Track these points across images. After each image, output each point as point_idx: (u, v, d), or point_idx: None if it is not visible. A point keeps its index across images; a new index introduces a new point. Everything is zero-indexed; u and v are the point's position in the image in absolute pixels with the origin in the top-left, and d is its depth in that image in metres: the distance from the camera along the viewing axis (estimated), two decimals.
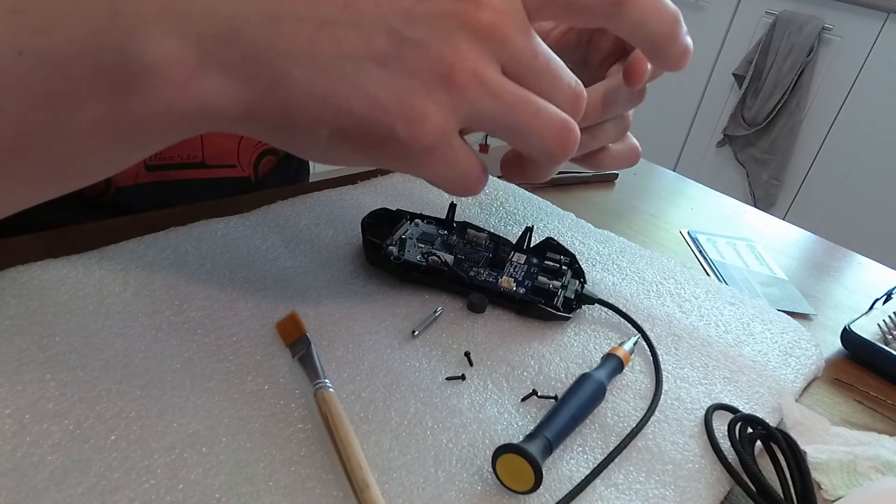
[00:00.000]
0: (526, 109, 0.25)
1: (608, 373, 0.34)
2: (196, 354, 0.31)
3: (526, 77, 0.25)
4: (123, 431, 0.26)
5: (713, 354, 0.39)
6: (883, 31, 2.09)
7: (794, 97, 2.26)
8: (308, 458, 0.27)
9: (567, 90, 0.26)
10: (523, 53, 0.25)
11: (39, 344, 0.29)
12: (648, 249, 0.50)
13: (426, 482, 0.27)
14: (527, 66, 0.25)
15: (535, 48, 0.25)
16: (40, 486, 0.24)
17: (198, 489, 0.25)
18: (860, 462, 0.32)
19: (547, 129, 0.26)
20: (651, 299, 0.43)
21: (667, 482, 0.29)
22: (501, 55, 0.25)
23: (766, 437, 0.32)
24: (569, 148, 0.26)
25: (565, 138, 0.26)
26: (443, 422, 0.30)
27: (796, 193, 2.39)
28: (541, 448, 0.27)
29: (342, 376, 0.32)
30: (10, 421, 0.26)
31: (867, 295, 0.52)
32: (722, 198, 0.69)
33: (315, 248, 0.41)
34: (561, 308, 0.39)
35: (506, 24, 0.24)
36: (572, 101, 0.27)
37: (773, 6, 2.28)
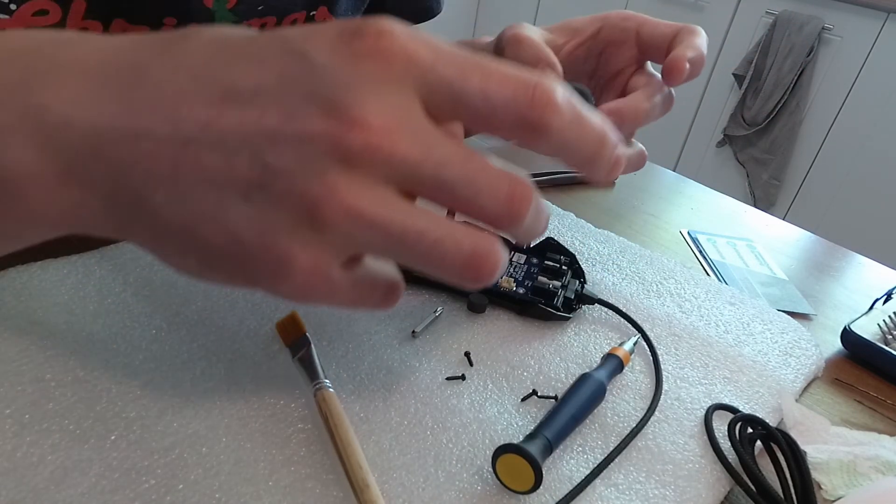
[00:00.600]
0: (421, 239, 0.21)
1: (608, 373, 0.34)
2: (196, 354, 0.31)
3: (432, 192, 0.21)
4: (123, 431, 0.26)
5: (713, 354, 0.39)
6: (883, 31, 2.09)
7: (794, 97, 2.26)
8: (308, 457, 0.27)
9: (495, 193, 0.21)
10: (422, 168, 0.21)
11: (39, 344, 0.29)
12: (648, 249, 0.50)
13: (426, 482, 0.27)
14: (430, 181, 0.21)
15: (438, 159, 0.21)
16: (40, 486, 0.24)
17: (198, 489, 0.25)
18: (860, 462, 0.32)
19: (450, 258, 0.22)
20: (651, 299, 0.43)
21: (667, 482, 0.29)
22: (390, 175, 0.21)
23: (766, 437, 0.32)
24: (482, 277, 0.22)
25: (476, 268, 0.22)
26: (443, 422, 0.30)
27: (796, 193, 2.39)
28: (541, 448, 0.27)
29: (342, 376, 0.32)
30: (10, 421, 0.26)
31: (867, 295, 0.51)
32: (722, 198, 0.69)
33: None
34: (561, 308, 0.39)
35: (387, 142, 0.20)
36: (506, 204, 0.22)
37: (773, 6, 2.28)
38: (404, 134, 0.20)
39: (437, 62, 0.21)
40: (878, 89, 2.14)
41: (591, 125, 0.23)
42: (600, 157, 0.24)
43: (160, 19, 0.42)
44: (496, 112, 0.21)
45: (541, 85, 0.21)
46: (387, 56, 0.20)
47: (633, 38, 0.42)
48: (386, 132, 0.20)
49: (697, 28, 0.40)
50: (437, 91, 0.21)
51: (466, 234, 0.22)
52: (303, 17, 0.51)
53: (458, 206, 0.22)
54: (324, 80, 0.20)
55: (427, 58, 0.21)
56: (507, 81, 0.21)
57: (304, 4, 0.50)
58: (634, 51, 0.42)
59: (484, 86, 0.21)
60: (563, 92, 0.22)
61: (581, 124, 0.23)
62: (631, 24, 0.42)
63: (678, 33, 0.40)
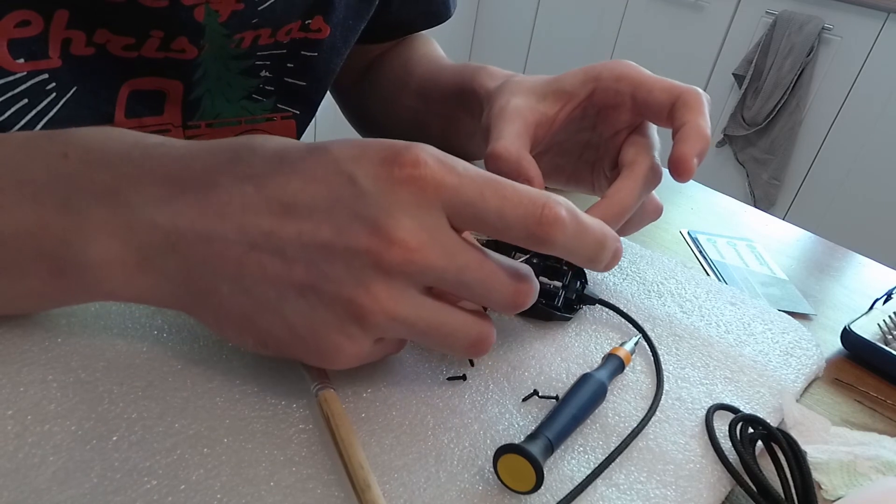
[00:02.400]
0: (440, 331, 0.27)
1: (609, 373, 0.34)
2: (197, 355, 0.31)
3: (455, 290, 0.26)
4: (125, 432, 0.26)
5: (714, 354, 0.39)
6: (883, 31, 2.09)
7: (794, 97, 2.26)
8: (309, 458, 0.27)
9: (504, 290, 0.26)
10: (446, 273, 0.25)
11: (41, 345, 0.30)
12: (649, 249, 0.50)
13: (427, 482, 0.27)
14: (452, 282, 0.26)
15: (460, 265, 0.25)
16: (42, 487, 0.24)
17: (199, 490, 0.25)
18: (860, 462, 0.32)
19: (459, 344, 0.27)
20: (652, 299, 0.43)
21: (668, 482, 0.29)
22: (421, 280, 0.25)
23: (767, 437, 0.32)
24: (482, 352, 0.28)
25: (478, 349, 0.28)
26: (444, 422, 0.30)
27: (796, 193, 2.39)
28: (542, 448, 0.27)
29: (343, 376, 0.32)
30: (12, 422, 0.26)
31: (867, 295, 0.52)
32: (722, 198, 0.69)
33: None
34: (562, 308, 0.39)
35: (420, 257, 0.24)
36: (512, 298, 0.27)
37: (773, 6, 2.28)
38: (434, 248, 0.25)
39: (461, 187, 0.25)
40: (878, 89, 2.14)
41: (590, 234, 0.27)
42: (600, 257, 0.28)
43: (147, 32, 0.42)
44: (510, 228, 0.25)
45: (548, 205, 0.25)
46: (420, 184, 0.24)
47: (629, 103, 0.40)
48: (419, 249, 0.24)
49: (698, 96, 0.38)
50: (461, 211, 0.25)
51: (473, 323, 0.27)
52: (298, 26, 0.50)
53: (473, 299, 0.27)
54: (368, 202, 0.24)
55: (453, 183, 0.25)
56: (519, 203, 0.25)
57: (299, 14, 0.50)
58: (630, 114, 0.41)
59: (500, 206, 0.25)
60: (567, 210, 0.26)
61: (582, 235, 0.27)
62: (625, 88, 0.40)
63: (676, 102, 0.38)
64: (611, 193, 0.38)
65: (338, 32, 0.54)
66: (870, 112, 2.16)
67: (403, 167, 0.24)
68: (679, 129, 0.38)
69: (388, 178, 0.24)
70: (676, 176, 0.37)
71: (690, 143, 0.37)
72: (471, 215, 0.25)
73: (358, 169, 0.25)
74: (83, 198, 0.26)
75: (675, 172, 0.37)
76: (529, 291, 0.27)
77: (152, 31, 0.42)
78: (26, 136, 0.29)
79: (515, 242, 0.26)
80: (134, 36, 0.42)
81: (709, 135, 0.38)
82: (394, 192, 0.24)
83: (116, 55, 0.42)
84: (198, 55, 0.45)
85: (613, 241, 0.28)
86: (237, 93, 0.51)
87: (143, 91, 0.45)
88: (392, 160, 0.25)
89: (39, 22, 0.38)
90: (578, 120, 0.44)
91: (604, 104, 0.42)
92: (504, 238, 0.26)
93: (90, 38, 0.41)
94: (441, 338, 0.27)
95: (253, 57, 0.49)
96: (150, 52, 0.43)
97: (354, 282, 0.24)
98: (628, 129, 0.42)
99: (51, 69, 0.40)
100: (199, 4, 0.42)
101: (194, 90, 0.47)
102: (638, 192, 0.38)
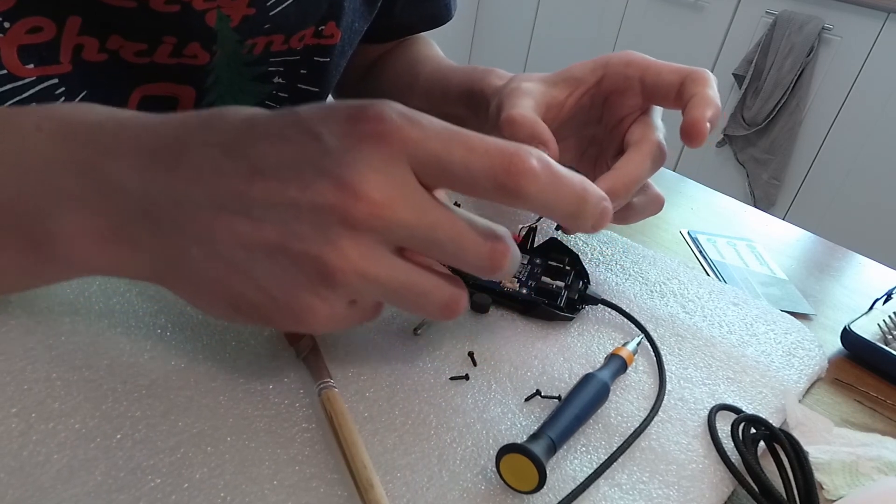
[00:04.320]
0: (412, 291, 0.26)
1: (612, 373, 0.34)
2: (201, 354, 0.31)
3: (427, 249, 0.25)
4: (129, 431, 0.26)
5: (716, 355, 0.39)
6: (883, 31, 2.09)
7: (794, 97, 2.26)
8: (312, 457, 0.27)
9: (478, 250, 0.25)
10: (416, 230, 0.25)
11: (45, 343, 0.30)
12: (650, 250, 0.50)
13: (430, 481, 0.27)
14: (423, 240, 0.25)
15: (430, 221, 0.25)
16: (46, 485, 0.24)
17: (203, 488, 0.25)
18: (862, 462, 0.32)
19: (432, 305, 0.27)
20: (654, 300, 0.43)
21: (670, 482, 0.30)
22: (389, 237, 0.25)
23: (769, 437, 0.32)
24: (455, 315, 0.27)
25: (451, 310, 0.27)
26: (447, 421, 0.30)
27: (796, 193, 2.39)
28: (544, 448, 0.27)
29: (346, 376, 0.32)
30: (17, 420, 0.26)
31: (867, 295, 0.52)
32: (722, 198, 0.69)
33: None
34: (564, 308, 0.39)
35: (387, 212, 0.24)
36: (488, 257, 0.26)
37: (773, 6, 2.28)
38: (401, 203, 0.24)
39: (426, 140, 0.24)
40: (878, 89, 2.14)
41: (568, 187, 0.26)
42: (582, 213, 0.26)
43: (159, 37, 0.42)
44: (477, 180, 0.25)
45: (517, 154, 0.24)
46: (386, 138, 0.24)
47: (638, 87, 0.41)
48: (386, 203, 0.24)
49: (705, 74, 0.39)
50: (428, 165, 0.25)
51: (445, 284, 0.27)
52: (311, 32, 0.50)
53: (446, 260, 0.26)
54: (334, 159, 0.24)
55: (418, 136, 0.24)
56: (486, 153, 0.24)
57: (314, 21, 0.50)
58: (639, 98, 0.42)
59: (466, 157, 0.24)
60: (539, 160, 0.25)
61: (558, 187, 0.25)
62: (634, 72, 0.41)
63: (685, 81, 0.39)
64: (618, 166, 0.38)
65: (346, 37, 0.54)
66: (870, 112, 2.16)
67: (367, 122, 0.24)
68: (689, 99, 0.38)
69: (352, 134, 0.24)
70: (689, 140, 0.37)
71: (702, 109, 0.37)
72: (437, 169, 0.25)
73: (324, 127, 0.25)
74: (57, 169, 0.26)
75: (687, 136, 0.37)
76: (506, 252, 0.26)
77: (165, 36, 0.42)
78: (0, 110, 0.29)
79: (485, 196, 0.25)
80: (146, 42, 0.42)
81: (719, 104, 0.38)
82: (359, 147, 0.24)
83: (129, 61, 0.42)
84: (210, 61, 0.45)
85: (598, 198, 0.27)
86: (250, 99, 0.51)
87: (155, 97, 0.45)
88: (357, 117, 0.24)
89: (52, 28, 0.38)
90: (587, 109, 0.44)
91: (612, 90, 0.42)
92: (473, 193, 0.25)
93: (103, 45, 0.40)
94: (414, 298, 0.26)
95: (266, 63, 0.49)
96: (162, 59, 0.43)
97: (322, 239, 0.24)
98: (633, 116, 0.42)
99: (61, 74, 0.40)
100: (211, 9, 0.42)
101: (206, 96, 0.47)
102: (644, 166, 0.38)
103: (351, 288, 0.25)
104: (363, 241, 0.24)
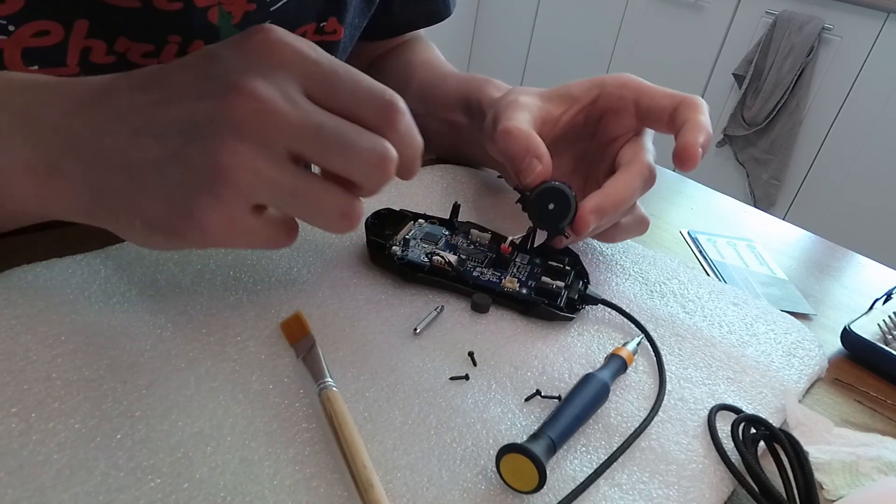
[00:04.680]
0: (308, 195, 0.27)
1: (612, 373, 0.34)
2: (201, 354, 0.31)
3: (316, 153, 0.27)
4: (129, 430, 0.26)
5: (717, 355, 0.39)
6: (883, 31, 2.09)
7: (794, 97, 2.26)
8: (312, 457, 0.27)
9: (367, 156, 0.27)
10: (304, 131, 0.26)
11: (45, 343, 0.30)
12: (651, 250, 0.50)
13: (430, 482, 0.27)
14: (311, 142, 0.26)
15: (316, 123, 0.26)
16: (46, 485, 0.24)
17: (203, 488, 0.25)
18: (862, 462, 0.32)
19: (330, 213, 0.28)
20: (654, 300, 0.43)
21: (670, 482, 0.30)
22: (279, 139, 0.26)
23: (769, 437, 0.32)
24: (352, 225, 0.28)
25: (349, 218, 0.28)
26: (447, 421, 0.30)
27: (796, 193, 2.39)
28: (545, 448, 0.27)
29: (346, 376, 0.32)
30: (17, 420, 0.26)
31: (867, 295, 0.52)
32: (722, 198, 0.69)
33: (319, 248, 0.41)
34: (564, 308, 0.39)
35: (272, 108, 0.25)
36: (376, 164, 0.27)
37: (773, 6, 2.28)
38: (287, 104, 0.26)
39: (319, 60, 0.27)
40: (878, 89, 2.14)
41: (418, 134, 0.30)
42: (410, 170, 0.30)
43: (164, 37, 0.42)
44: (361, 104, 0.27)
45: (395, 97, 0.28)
46: (276, 48, 0.27)
47: (632, 108, 0.42)
48: (271, 101, 0.25)
49: (698, 101, 0.40)
50: (316, 81, 0.27)
51: (341, 192, 0.28)
52: (313, 28, 0.50)
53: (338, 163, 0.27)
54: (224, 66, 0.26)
55: (311, 54, 0.27)
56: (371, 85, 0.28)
57: (313, 16, 0.50)
58: (633, 120, 0.43)
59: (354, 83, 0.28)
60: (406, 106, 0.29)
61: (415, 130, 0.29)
62: (628, 94, 0.42)
63: (678, 106, 0.40)
64: (609, 185, 0.40)
65: (348, 33, 0.54)
66: (870, 112, 2.16)
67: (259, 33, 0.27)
68: (682, 125, 0.39)
69: (243, 45, 0.27)
70: (681, 164, 0.38)
71: (694, 134, 0.38)
72: (326, 86, 0.27)
73: (221, 49, 0.27)
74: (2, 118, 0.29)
75: (679, 160, 0.38)
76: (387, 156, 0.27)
77: (169, 35, 0.42)
78: None
79: (362, 120, 0.27)
80: (152, 42, 0.42)
81: (711, 131, 0.39)
82: (248, 55, 0.26)
83: (136, 63, 0.42)
84: None
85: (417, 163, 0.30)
86: None
87: None
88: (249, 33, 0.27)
89: (59, 31, 0.38)
90: (581, 126, 0.45)
91: (607, 109, 0.43)
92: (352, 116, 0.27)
93: (111, 47, 0.41)
94: (310, 203, 0.27)
95: None
96: (169, 59, 0.43)
97: (216, 140, 0.25)
98: (625, 136, 0.43)
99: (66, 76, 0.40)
100: (213, 6, 0.42)
101: None
102: (634, 186, 0.40)
103: (245, 187, 0.26)
104: (254, 140, 0.26)
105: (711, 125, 0.40)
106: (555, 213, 0.39)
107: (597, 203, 0.39)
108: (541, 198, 0.39)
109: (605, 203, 0.39)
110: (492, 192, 0.54)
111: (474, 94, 0.51)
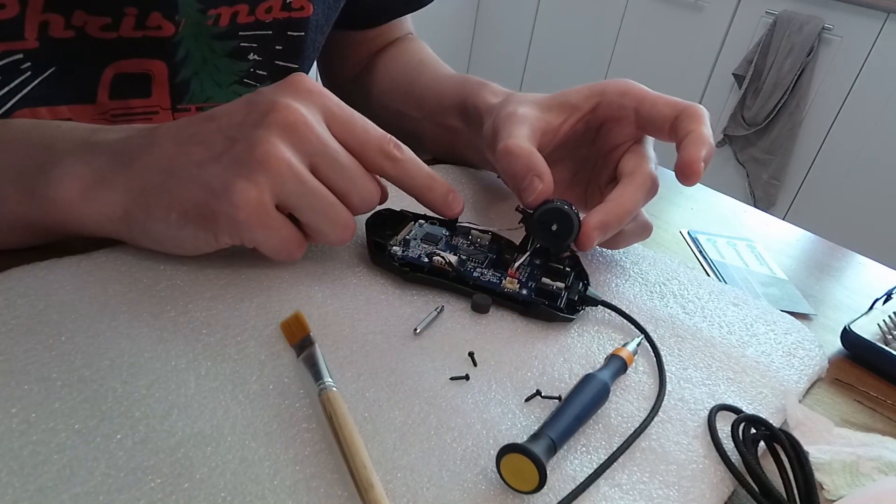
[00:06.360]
0: (324, 201, 0.33)
1: (612, 373, 0.34)
2: (201, 354, 0.31)
3: (330, 171, 0.33)
4: (129, 431, 0.26)
5: (717, 355, 0.39)
6: (883, 31, 2.09)
7: (794, 97, 2.26)
8: (312, 457, 0.27)
9: (365, 188, 0.35)
10: (326, 148, 0.33)
11: (45, 343, 0.30)
12: (651, 250, 0.50)
13: (430, 482, 0.27)
14: (330, 160, 0.33)
15: (336, 147, 0.34)
16: (47, 485, 0.24)
17: (203, 488, 0.25)
18: (863, 463, 0.32)
19: (332, 222, 0.34)
20: (654, 300, 0.43)
21: (670, 482, 0.30)
22: (306, 149, 0.32)
23: (769, 437, 0.32)
24: (348, 237, 0.35)
25: (348, 231, 0.35)
26: (447, 422, 0.30)
27: (796, 193, 2.39)
28: (545, 448, 0.27)
29: (346, 376, 0.32)
30: (17, 420, 0.26)
31: (867, 295, 0.52)
32: (722, 198, 0.70)
33: (319, 248, 0.41)
34: (564, 309, 0.39)
35: (304, 122, 0.32)
36: (369, 199, 0.36)
37: (773, 6, 2.28)
38: (315, 125, 0.33)
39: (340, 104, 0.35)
40: (878, 89, 2.14)
41: (424, 168, 0.37)
42: (432, 189, 0.38)
43: (121, 9, 0.42)
44: (370, 141, 0.35)
45: (395, 139, 0.36)
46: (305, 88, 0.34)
47: (632, 116, 0.42)
48: (305, 118, 0.33)
49: (700, 110, 0.40)
50: (337, 117, 0.34)
51: (344, 208, 0.34)
52: (279, 4, 0.50)
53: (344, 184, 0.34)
54: (267, 94, 0.33)
55: (334, 98, 0.35)
56: (377, 129, 0.36)
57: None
58: (633, 128, 0.42)
59: (365, 125, 0.35)
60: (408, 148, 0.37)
61: (419, 165, 0.37)
62: (629, 102, 0.42)
63: (679, 115, 0.40)
64: (612, 197, 0.39)
65: (320, 10, 0.54)
66: (870, 112, 2.16)
67: (293, 80, 0.34)
68: (684, 137, 0.39)
69: (279, 84, 0.34)
70: (684, 179, 0.38)
71: (697, 148, 0.38)
72: (343, 122, 0.34)
73: (262, 90, 0.34)
74: (59, 142, 0.34)
75: (682, 175, 0.38)
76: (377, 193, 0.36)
77: (126, 7, 0.42)
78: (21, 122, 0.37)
79: (369, 156, 0.35)
80: (109, 15, 0.42)
81: (713, 143, 0.40)
82: (285, 88, 0.34)
83: (96, 37, 0.43)
84: (175, 32, 0.45)
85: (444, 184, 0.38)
86: (227, 77, 0.51)
87: (128, 74, 0.46)
88: (286, 81, 0.34)
89: (15, 5, 0.38)
90: (581, 134, 0.45)
91: (607, 117, 0.43)
92: (360, 151, 0.35)
93: (68, 21, 0.41)
94: (325, 207, 0.33)
95: (236, 38, 0.50)
96: (128, 32, 0.43)
97: (260, 134, 0.31)
98: (626, 144, 0.43)
99: (26, 50, 0.40)
100: None
101: (180, 72, 0.48)
102: (637, 197, 0.40)
103: (279, 176, 0.31)
104: (291, 142, 0.32)
105: (712, 125, 0.40)
106: (558, 233, 0.39)
107: (600, 219, 0.39)
108: (543, 218, 0.40)
109: (609, 218, 0.39)
110: (491, 192, 0.54)
111: (471, 100, 0.51)
